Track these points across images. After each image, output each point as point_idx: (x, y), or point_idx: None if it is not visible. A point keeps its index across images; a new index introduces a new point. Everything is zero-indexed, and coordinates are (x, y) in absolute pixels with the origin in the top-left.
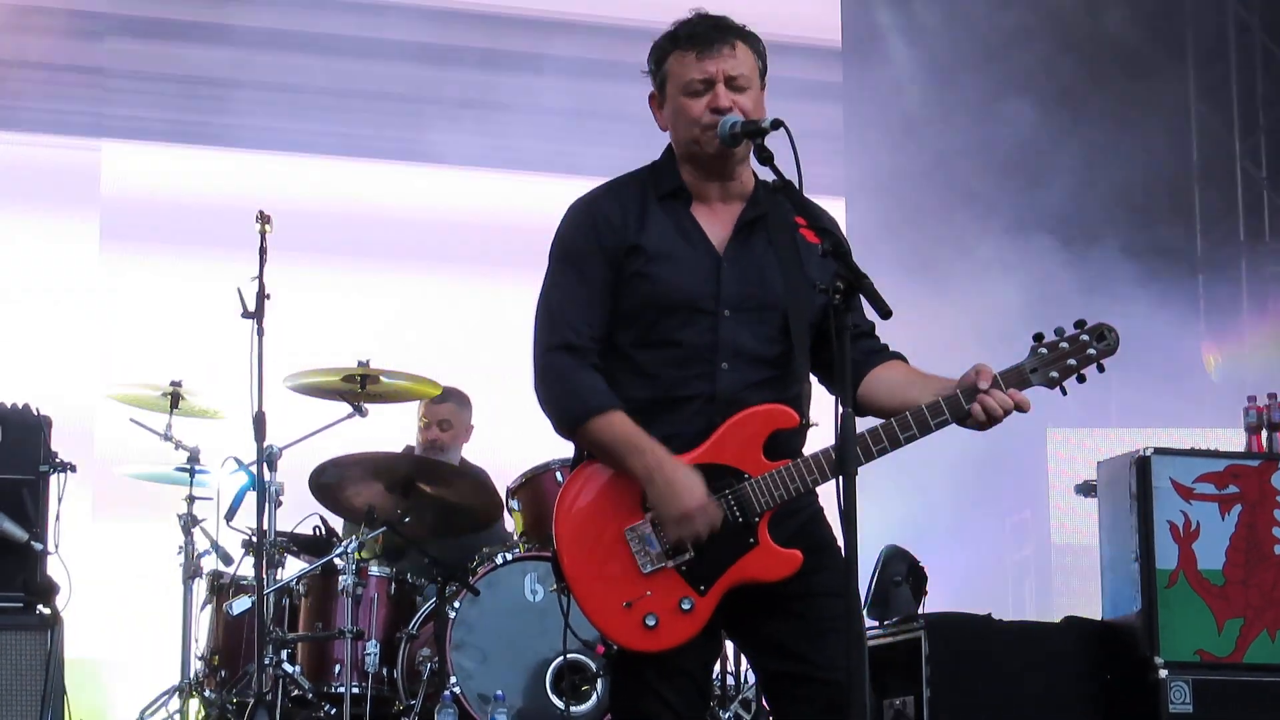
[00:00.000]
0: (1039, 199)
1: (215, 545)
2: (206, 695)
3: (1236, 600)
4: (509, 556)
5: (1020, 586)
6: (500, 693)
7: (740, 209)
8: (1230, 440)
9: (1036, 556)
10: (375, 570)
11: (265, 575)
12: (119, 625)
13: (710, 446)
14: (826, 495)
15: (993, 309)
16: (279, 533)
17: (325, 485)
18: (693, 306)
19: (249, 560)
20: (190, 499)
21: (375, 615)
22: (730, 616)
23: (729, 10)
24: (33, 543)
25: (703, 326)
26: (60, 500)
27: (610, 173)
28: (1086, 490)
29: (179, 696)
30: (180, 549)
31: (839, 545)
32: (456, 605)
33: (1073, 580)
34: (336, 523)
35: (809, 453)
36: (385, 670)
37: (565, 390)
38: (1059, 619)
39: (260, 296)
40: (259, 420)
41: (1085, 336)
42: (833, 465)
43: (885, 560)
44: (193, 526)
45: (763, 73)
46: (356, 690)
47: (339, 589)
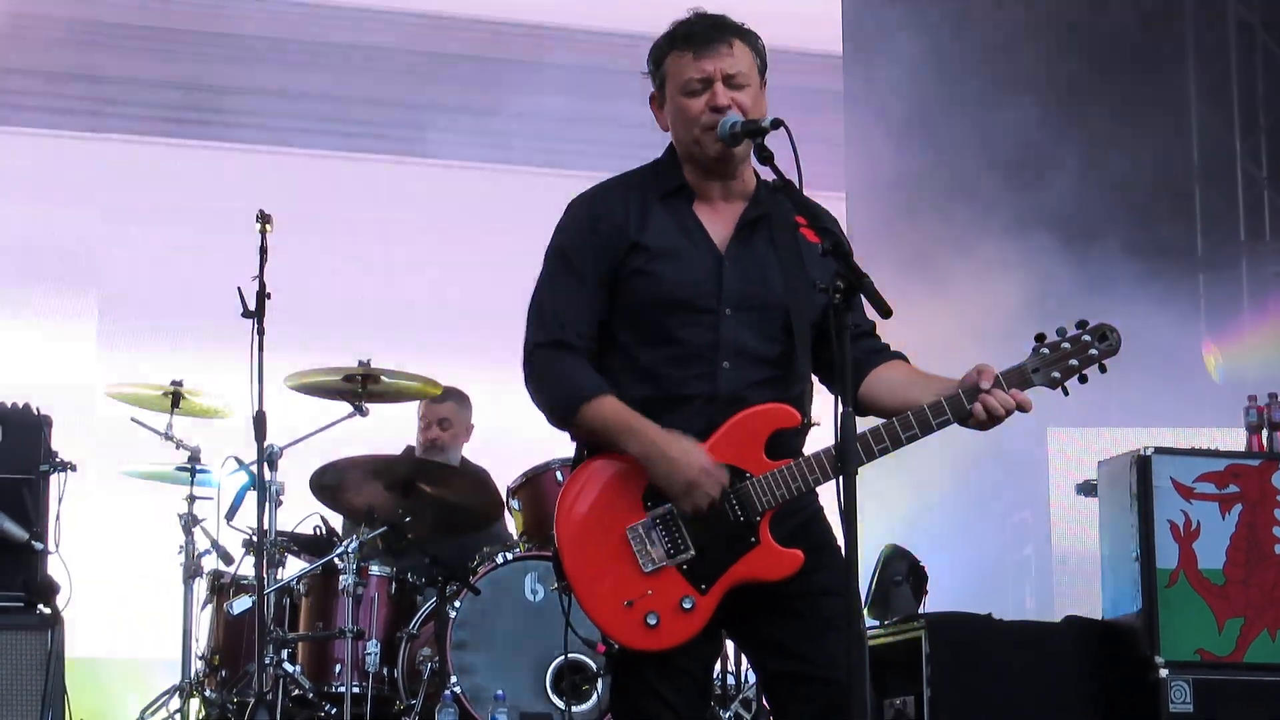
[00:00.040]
0: (1040, 198)
1: (216, 545)
2: (207, 695)
3: (1237, 600)
4: (509, 556)
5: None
6: (501, 692)
7: (742, 208)
8: (1231, 440)
9: (1037, 556)
10: (376, 570)
11: (266, 575)
12: (119, 625)
13: (712, 446)
14: (827, 494)
15: (993, 308)
16: (279, 532)
17: (326, 485)
18: (694, 305)
19: (249, 560)
20: (191, 498)
21: (376, 615)
22: (730, 615)
23: (729, 10)
24: (33, 542)
25: (704, 325)
26: (60, 500)
27: (610, 170)
28: (1087, 490)
29: (180, 696)
30: (181, 548)
31: (839, 544)
32: (457, 605)
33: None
34: (337, 522)
35: (810, 452)
36: (386, 670)
37: (554, 381)
38: (1059, 618)
39: (260, 296)
40: (259, 420)
41: (1087, 337)
42: (834, 464)
43: (886, 560)
44: (193, 526)
45: (762, 70)
46: (357, 690)
47: (339, 588)
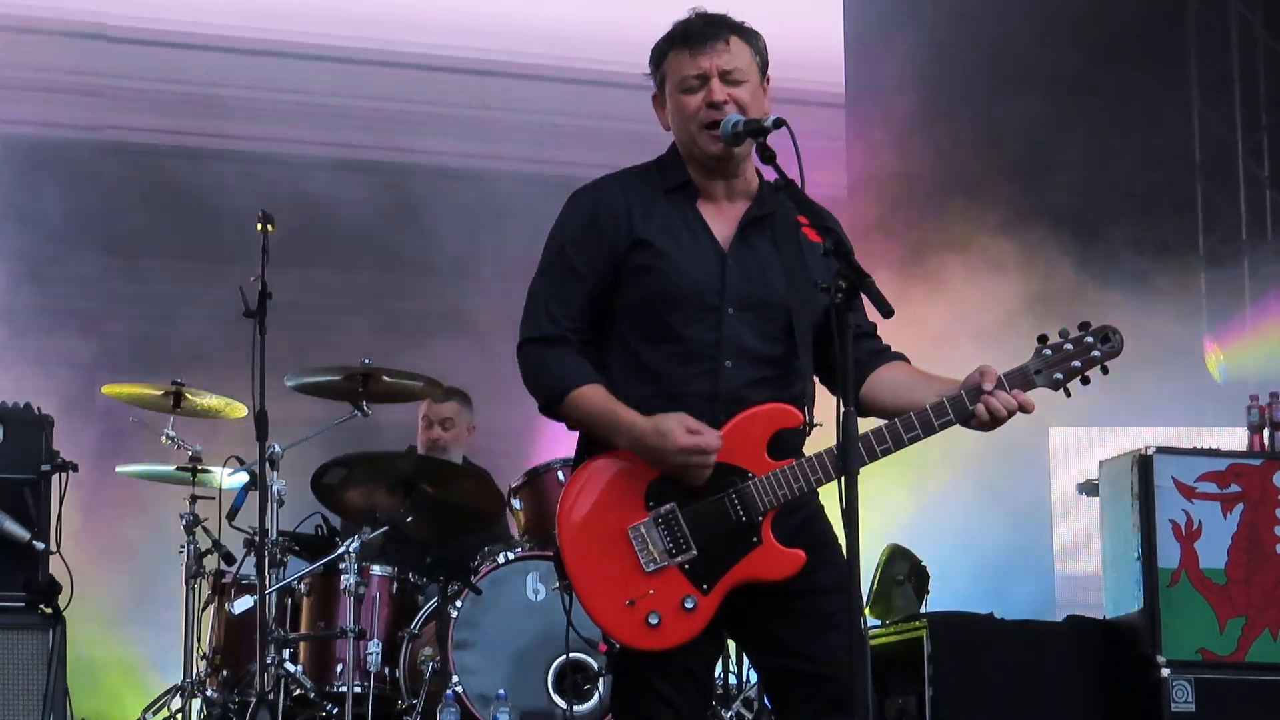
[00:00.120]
0: (1041, 197)
1: (217, 545)
2: (209, 694)
3: (1238, 599)
4: (511, 555)
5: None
6: (502, 692)
7: (745, 207)
8: (1232, 439)
9: (1038, 555)
10: (377, 569)
11: (267, 574)
12: (121, 625)
13: None
14: (828, 494)
15: (994, 306)
16: (281, 532)
17: (327, 485)
18: (698, 302)
19: (251, 559)
20: (192, 498)
21: (377, 614)
22: (731, 615)
23: (729, 10)
24: (35, 542)
25: (707, 324)
26: (62, 500)
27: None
28: (1089, 489)
29: (181, 696)
30: (182, 548)
31: (840, 542)
32: (459, 604)
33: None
34: (339, 523)
35: (812, 452)
36: (387, 670)
37: (541, 372)
38: (1061, 618)
39: (262, 296)
40: (260, 420)
41: (1090, 338)
42: (836, 464)
43: (887, 559)
44: (195, 526)
45: (763, 69)
46: (359, 690)
47: (341, 588)
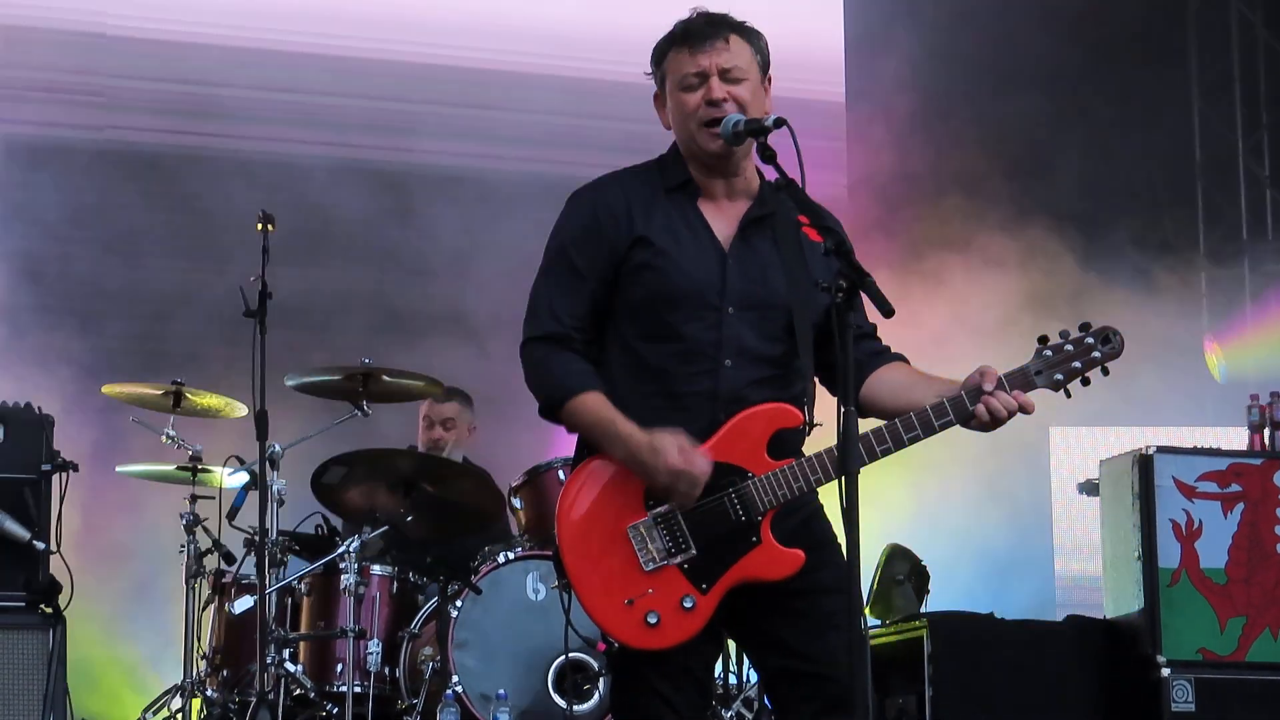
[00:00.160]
0: (1041, 196)
1: (217, 544)
2: (209, 694)
3: (1239, 599)
4: (511, 555)
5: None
6: (502, 691)
7: (746, 207)
8: (1233, 439)
9: (1039, 555)
10: (377, 569)
11: (267, 574)
12: (121, 625)
13: (714, 444)
14: (828, 493)
15: (994, 305)
16: (281, 532)
17: (327, 485)
18: (698, 301)
19: (251, 559)
20: (193, 498)
21: (377, 614)
22: (730, 614)
23: (730, 9)
24: (35, 542)
25: (707, 323)
26: (62, 499)
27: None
28: (1089, 489)
29: (181, 695)
30: (182, 548)
31: (839, 541)
32: (459, 604)
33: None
34: (339, 523)
35: (812, 452)
36: (387, 669)
37: (544, 374)
38: (1061, 618)
39: (262, 296)
40: (260, 420)
41: (1090, 339)
42: (835, 464)
43: (888, 559)
44: (195, 526)
45: (764, 68)
46: (359, 689)
47: (341, 588)
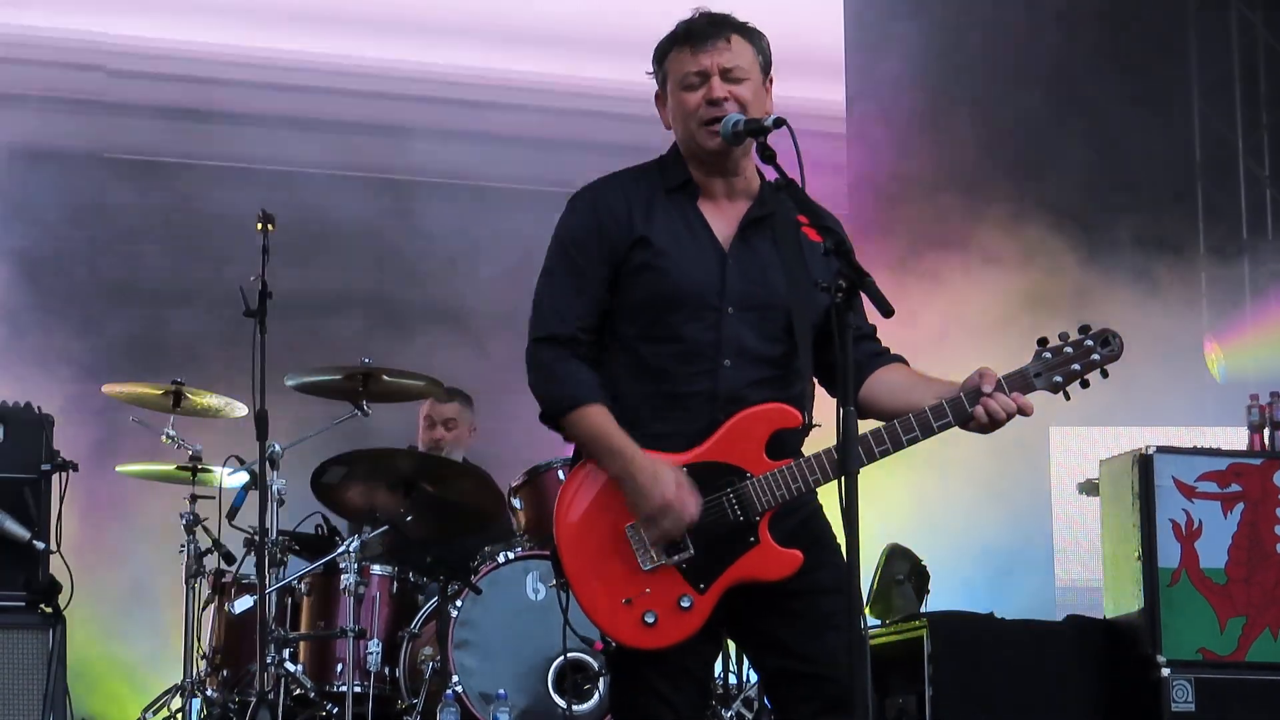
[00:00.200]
0: (1041, 195)
1: (217, 544)
2: (209, 694)
3: (1239, 599)
4: (511, 555)
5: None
6: (502, 691)
7: (746, 207)
8: (1233, 439)
9: (1039, 555)
10: (377, 569)
11: (267, 574)
12: (121, 624)
13: (713, 444)
14: (828, 493)
15: (993, 304)
16: (281, 532)
17: (327, 484)
18: (698, 301)
19: (251, 559)
20: (192, 498)
21: (377, 614)
22: (729, 614)
23: (731, 10)
24: (35, 542)
25: (707, 323)
26: (62, 499)
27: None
28: (1089, 489)
29: (181, 695)
30: (182, 548)
31: (838, 542)
32: (459, 604)
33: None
34: (339, 522)
35: (810, 452)
36: (387, 669)
37: (548, 381)
38: (1061, 618)
39: (262, 295)
40: (260, 419)
41: (1090, 341)
42: (835, 465)
43: (887, 559)
44: (195, 525)
45: (765, 68)
46: (359, 689)
47: (341, 588)
